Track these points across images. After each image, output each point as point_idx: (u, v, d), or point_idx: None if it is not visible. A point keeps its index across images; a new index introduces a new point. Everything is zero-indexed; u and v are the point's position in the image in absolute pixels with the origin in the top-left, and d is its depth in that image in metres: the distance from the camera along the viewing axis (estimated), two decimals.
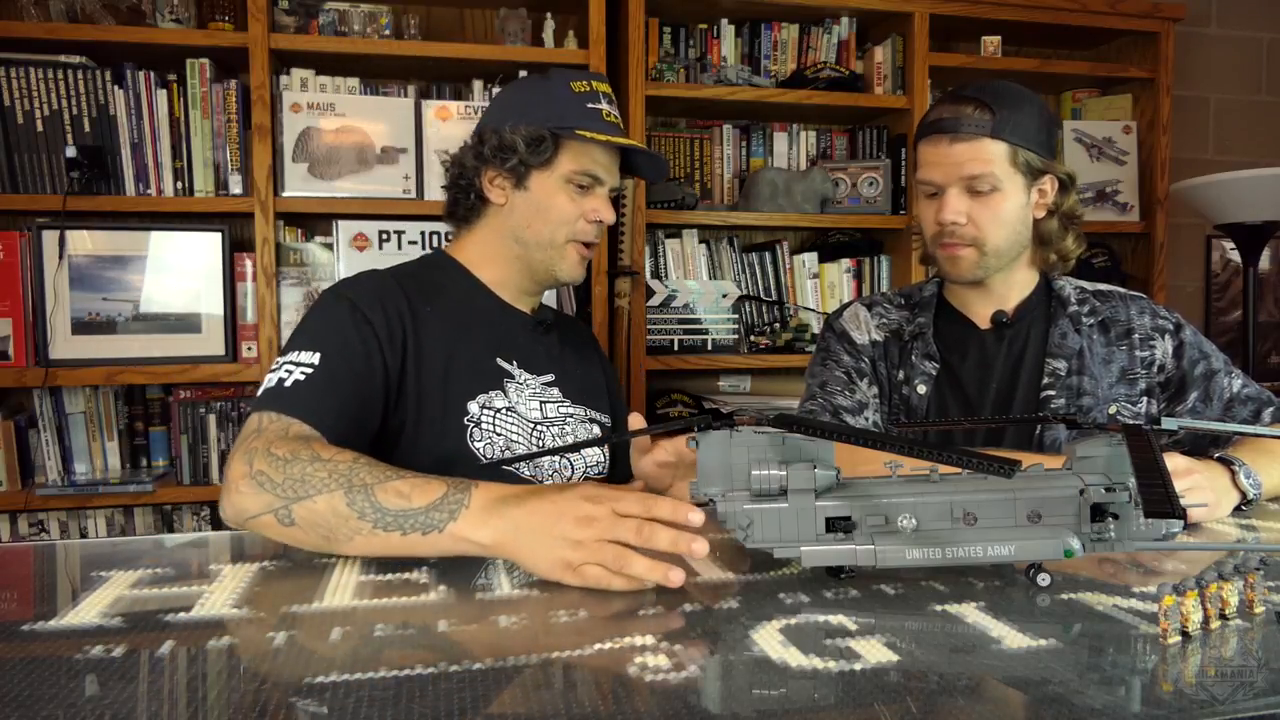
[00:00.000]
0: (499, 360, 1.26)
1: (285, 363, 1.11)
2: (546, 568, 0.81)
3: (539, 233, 1.28)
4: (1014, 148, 1.29)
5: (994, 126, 1.27)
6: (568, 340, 1.41)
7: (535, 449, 1.24)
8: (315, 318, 1.18)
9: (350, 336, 1.15)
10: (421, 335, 1.20)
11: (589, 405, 1.36)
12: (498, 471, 1.20)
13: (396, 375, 1.17)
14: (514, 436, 1.23)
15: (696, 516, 0.80)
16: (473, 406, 1.21)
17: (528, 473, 1.24)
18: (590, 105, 1.26)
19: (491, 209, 1.31)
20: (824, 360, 1.46)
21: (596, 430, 1.35)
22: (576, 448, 1.34)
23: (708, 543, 0.80)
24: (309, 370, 1.09)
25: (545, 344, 1.35)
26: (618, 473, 1.40)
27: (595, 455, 1.34)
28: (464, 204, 1.32)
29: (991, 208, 1.30)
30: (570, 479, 1.29)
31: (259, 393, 1.09)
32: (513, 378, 1.27)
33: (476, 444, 1.20)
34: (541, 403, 1.28)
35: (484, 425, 1.21)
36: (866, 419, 1.40)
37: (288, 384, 1.07)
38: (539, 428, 1.26)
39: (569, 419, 1.31)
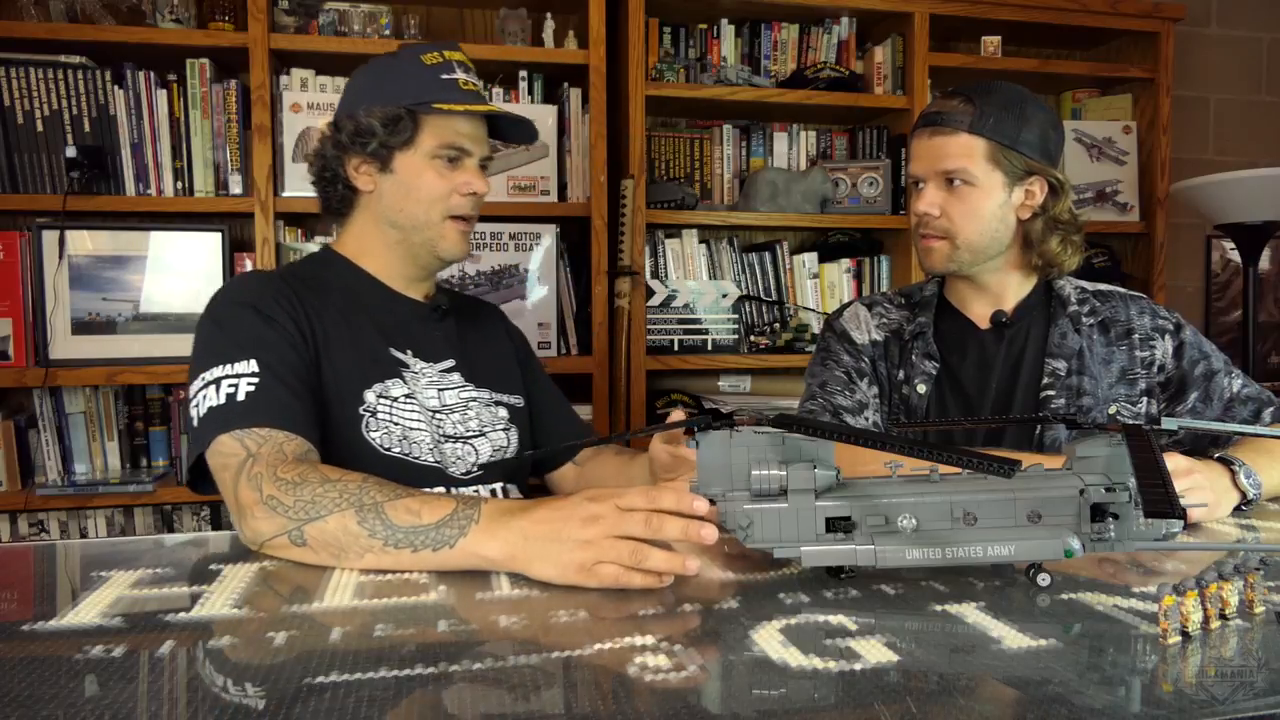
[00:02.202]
0: (393, 350, 1.24)
1: (221, 377, 1.06)
2: (559, 573, 0.81)
3: (412, 214, 1.25)
4: (994, 145, 1.29)
5: (973, 122, 1.28)
6: (468, 323, 1.38)
7: (437, 438, 1.22)
8: (223, 331, 1.13)
9: (270, 336, 1.12)
10: (316, 327, 1.18)
11: (493, 388, 1.34)
12: (391, 460, 1.17)
13: (314, 364, 1.16)
14: (412, 425, 1.21)
15: (701, 504, 0.80)
16: (369, 396, 1.19)
17: (430, 459, 1.21)
18: (445, 76, 1.23)
19: (362, 197, 1.28)
20: (824, 360, 1.46)
21: (502, 413, 1.33)
22: (588, 443, 1.33)
23: (716, 529, 0.80)
24: (254, 379, 1.06)
25: (443, 329, 1.32)
26: (532, 461, 1.38)
27: (500, 439, 1.31)
28: (334, 196, 1.29)
29: (966, 202, 1.31)
30: (475, 464, 1.26)
31: (202, 412, 1.05)
32: (408, 366, 1.24)
33: (372, 434, 1.18)
34: (440, 390, 1.26)
35: (380, 415, 1.18)
36: (866, 419, 1.40)
37: (240, 397, 1.04)
38: (438, 415, 1.24)
39: (471, 403, 1.29)
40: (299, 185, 2.17)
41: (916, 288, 1.50)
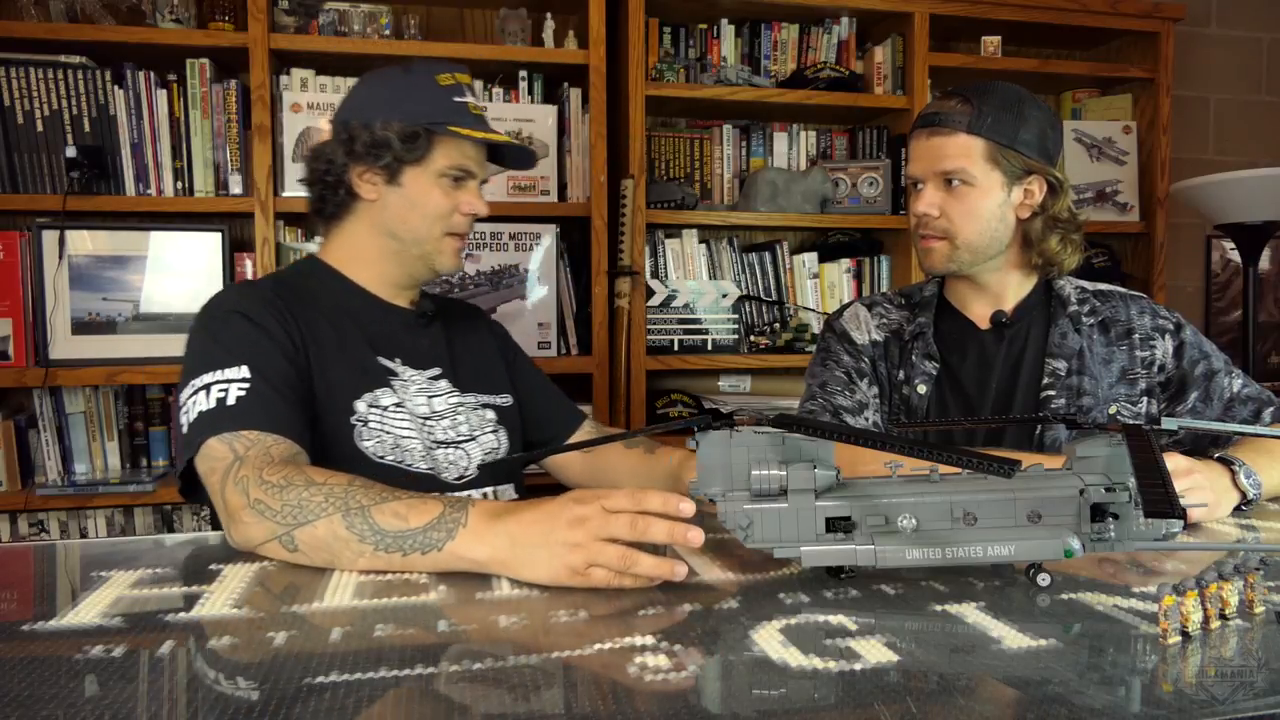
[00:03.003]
0: (381, 359, 1.25)
1: (211, 382, 1.06)
2: (549, 575, 0.81)
3: (415, 228, 1.27)
4: (993, 144, 1.29)
5: (971, 122, 1.28)
6: (453, 328, 1.39)
7: (429, 444, 1.23)
8: (214, 339, 1.13)
9: (262, 342, 1.13)
10: (308, 337, 1.19)
11: (480, 391, 1.35)
12: (381, 468, 1.18)
13: (306, 372, 1.17)
14: (403, 433, 1.21)
15: (687, 506, 0.80)
16: (360, 405, 1.20)
17: (423, 466, 1.22)
18: (457, 99, 1.26)
19: (362, 205, 1.28)
20: (824, 360, 1.46)
21: (490, 415, 1.34)
22: (583, 446, 1.34)
23: (703, 532, 0.80)
24: (245, 384, 1.06)
25: (429, 336, 1.34)
26: (516, 463, 1.39)
27: (490, 442, 1.32)
28: (332, 200, 1.29)
29: (965, 202, 1.31)
30: (467, 470, 1.27)
31: (192, 417, 1.05)
32: (397, 375, 1.25)
33: (365, 443, 1.18)
34: (429, 397, 1.27)
35: (371, 424, 1.19)
36: (866, 419, 1.40)
37: (230, 402, 1.04)
38: (428, 422, 1.25)
39: (459, 408, 1.30)
40: (299, 185, 2.16)
41: (916, 288, 1.50)
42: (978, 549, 0.76)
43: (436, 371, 1.30)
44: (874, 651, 0.65)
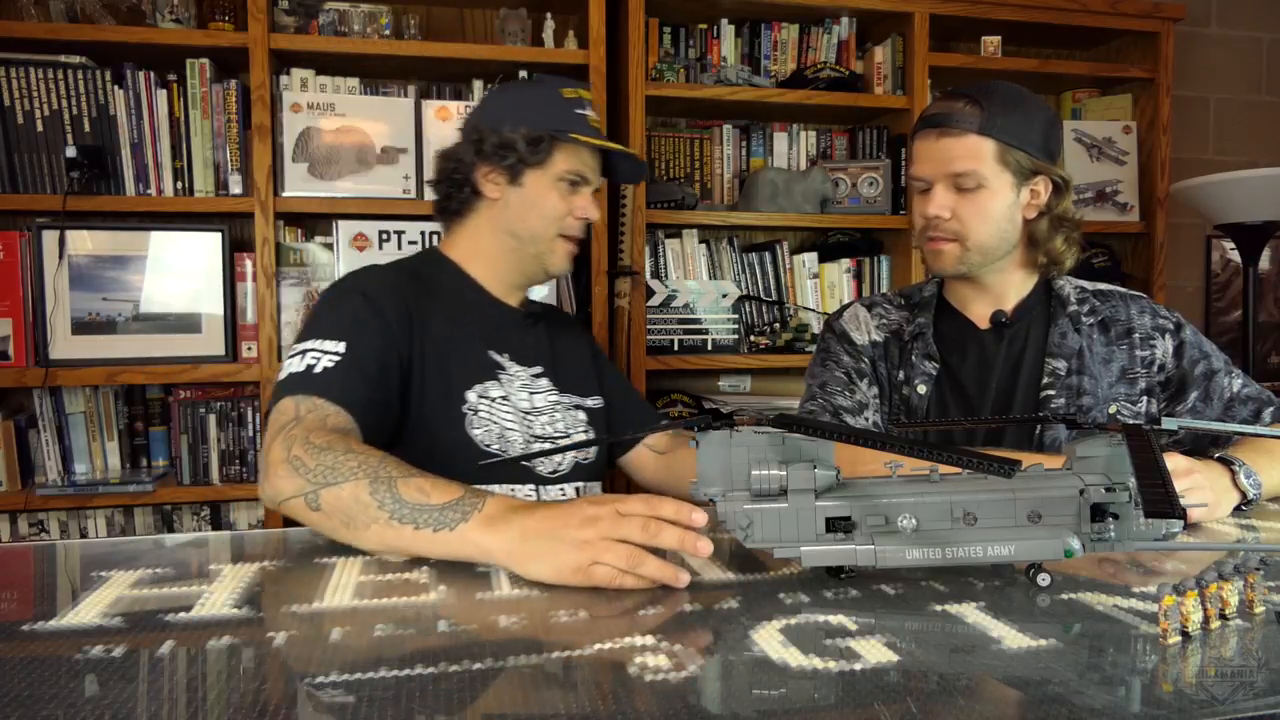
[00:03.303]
0: (491, 353, 1.33)
1: (310, 349, 1.15)
2: (554, 572, 0.81)
3: (532, 227, 1.35)
4: (1003, 146, 1.29)
5: (982, 123, 1.28)
6: (554, 331, 1.47)
7: (528, 438, 1.30)
8: (330, 311, 1.23)
9: (369, 325, 1.20)
10: (425, 325, 1.27)
11: (574, 392, 1.42)
12: (496, 466, 1.25)
13: (409, 361, 1.23)
14: (508, 424, 1.29)
15: (700, 517, 0.82)
16: (470, 395, 1.27)
17: (522, 462, 1.29)
18: (578, 111, 1.36)
19: (484, 203, 1.37)
20: (824, 361, 1.46)
21: (582, 415, 1.42)
22: (580, 445, 1.36)
23: (712, 544, 0.81)
24: (336, 357, 1.14)
25: (534, 336, 1.41)
26: (609, 458, 1.48)
27: (581, 439, 1.39)
28: (457, 198, 1.38)
29: (977, 204, 1.30)
30: (560, 465, 1.35)
31: (282, 376, 1.13)
32: (504, 369, 1.33)
33: (474, 431, 1.25)
34: (531, 393, 1.35)
35: (481, 413, 1.26)
36: (866, 419, 1.40)
37: (317, 370, 1.12)
38: (529, 417, 1.32)
39: (556, 407, 1.37)
40: (299, 185, 2.17)
41: (916, 288, 1.50)
42: (978, 549, 0.76)
43: (539, 370, 1.38)
44: (874, 651, 0.65)
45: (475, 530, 0.86)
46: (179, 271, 2.17)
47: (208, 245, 2.19)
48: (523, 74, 2.33)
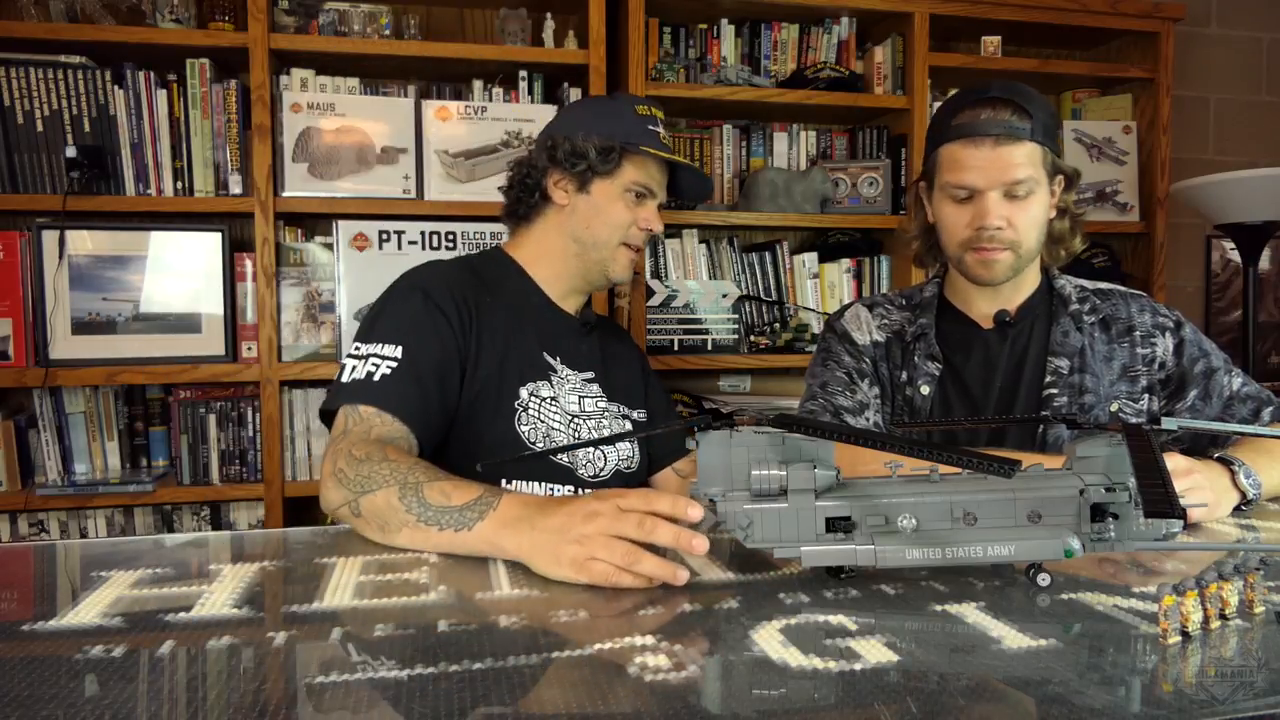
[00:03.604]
0: (545, 355, 1.37)
1: (370, 354, 1.20)
2: (555, 565, 0.83)
3: (597, 234, 1.40)
4: (1045, 150, 1.29)
5: (1032, 129, 1.27)
6: (608, 342, 1.51)
7: (572, 439, 1.34)
8: (392, 309, 1.27)
9: (427, 326, 1.25)
10: (484, 322, 1.31)
11: (623, 402, 1.45)
12: (538, 464, 1.29)
13: (466, 359, 1.27)
14: (554, 425, 1.32)
15: (695, 512, 0.82)
16: (523, 392, 1.31)
17: (565, 459, 1.32)
18: (650, 127, 1.40)
19: (552, 209, 1.42)
20: (825, 361, 1.46)
21: (628, 425, 1.45)
22: (592, 444, 1.38)
23: (708, 540, 0.81)
24: (394, 364, 1.19)
25: (587, 343, 1.45)
26: (647, 470, 1.49)
27: (627, 449, 1.42)
28: (526, 202, 1.42)
29: (1028, 211, 1.30)
30: (602, 470, 1.37)
31: (343, 380, 1.19)
32: (556, 372, 1.37)
33: (523, 428, 1.29)
34: (580, 397, 1.38)
35: (531, 411, 1.30)
36: (867, 419, 1.40)
37: (375, 378, 1.17)
38: (575, 420, 1.36)
39: (605, 414, 1.40)
40: (299, 185, 2.17)
41: (917, 289, 1.50)
42: (978, 549, 0.76)
43: (590, 375, 1.42)
44: (874, 651, 0.65)
45: (490, 529, 0.90)
46: (179, 271, 2.17)
47: (208, 245, 2.19)
48: (522, 73, 2.33)
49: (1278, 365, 3.17)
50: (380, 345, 1.21)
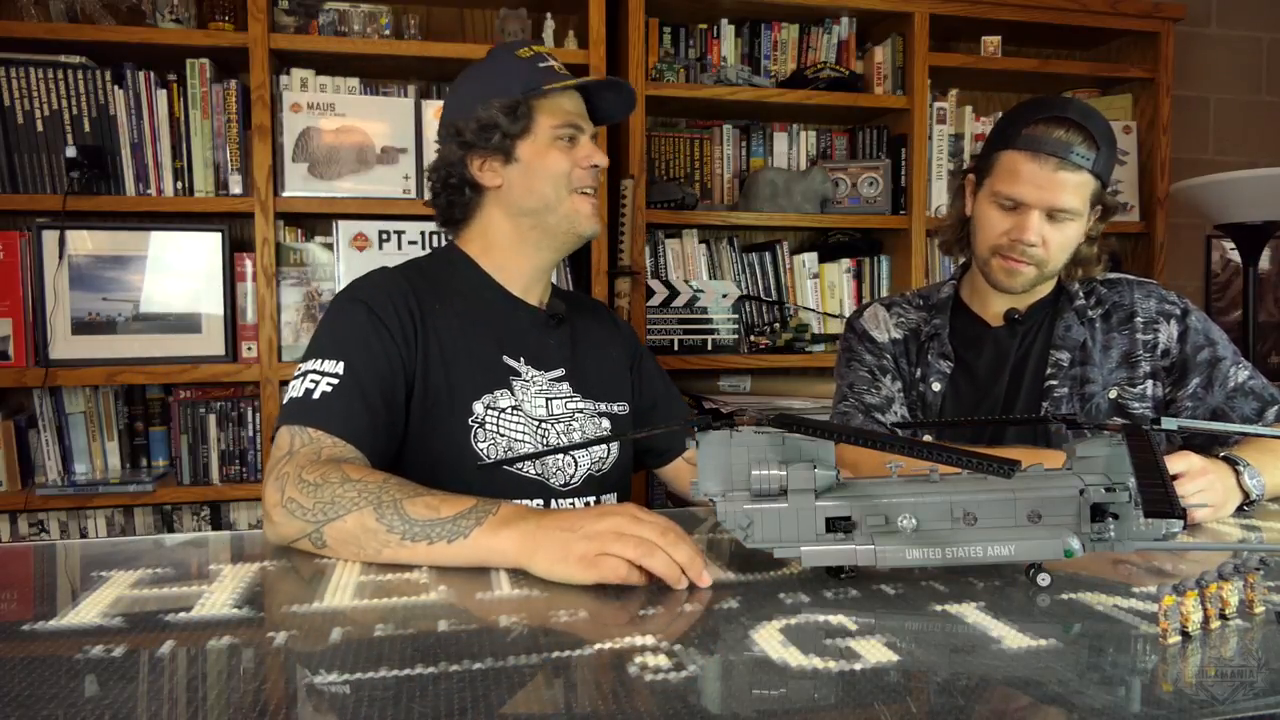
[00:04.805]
0: (506, 358, 1.26)
1: (309, 371, 1.13)
2: (562, 562, 0.82)
3: (542, 194, 1.27)
4: (1100, 185, 1.31)
5: (1094, 161, 1.28)
6: (582, 330, 1.39)
7: (540, 447, 1.24)
8: (332, 324, 1.20)
9: (370, 340, 1.17)
10: (430, 333, 1.21)
11: (599, 398, 1.35)
12: (497, 471, 1.21)
13: (413, 374, 1.19)
14: (517, 436, 1.23)
15: (705, 581, 0.81)
16: (478, 407, 1.21)
17: (532, 471, 1.23)
18: (541, 65, 1.28)
19: (489, 195, 1.30)
20: (848, 361, 1.48)
21: (606, 424, 1.34)
22: (584, 445, 1.35)
23: (710, 579, 0.82)
24: (335, 380, 1.11)
25: (556, 338, 1.34)
26: (631, 467, 1.41)
27: (599, 450, 1.33)
28: (459, 202, 1.31)
29: (1064, 234, 1.32)
30: (573, 476, 1.28)
31: (285, 402, 1.12)
32: (519, 375, 1.27)
33: (480, 444, 1.20)
34: (548, 399, 1.28)
35: (488, 426, 1.21)
36: (896, 414, 1.42)
37: (315, 395, 1.10)
38: (543, 425, 1.26)
39: (577, 415, 1.30)
40: (299, 185, 2.17)
41: (934, 289, 1.52)
42: (978, 549, 0.76)
43: (560, 373, 1.31)
44: (874, 651, 0.65)
45: (487, 534, 0.87)
46: (179, 271, 2.17)
47: (208, 245, 2.18)
48: None
49: (1278, 365, 3.17)
50: (320, 361, 1.13)
